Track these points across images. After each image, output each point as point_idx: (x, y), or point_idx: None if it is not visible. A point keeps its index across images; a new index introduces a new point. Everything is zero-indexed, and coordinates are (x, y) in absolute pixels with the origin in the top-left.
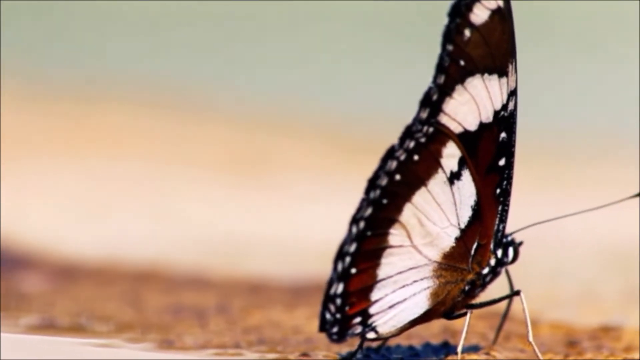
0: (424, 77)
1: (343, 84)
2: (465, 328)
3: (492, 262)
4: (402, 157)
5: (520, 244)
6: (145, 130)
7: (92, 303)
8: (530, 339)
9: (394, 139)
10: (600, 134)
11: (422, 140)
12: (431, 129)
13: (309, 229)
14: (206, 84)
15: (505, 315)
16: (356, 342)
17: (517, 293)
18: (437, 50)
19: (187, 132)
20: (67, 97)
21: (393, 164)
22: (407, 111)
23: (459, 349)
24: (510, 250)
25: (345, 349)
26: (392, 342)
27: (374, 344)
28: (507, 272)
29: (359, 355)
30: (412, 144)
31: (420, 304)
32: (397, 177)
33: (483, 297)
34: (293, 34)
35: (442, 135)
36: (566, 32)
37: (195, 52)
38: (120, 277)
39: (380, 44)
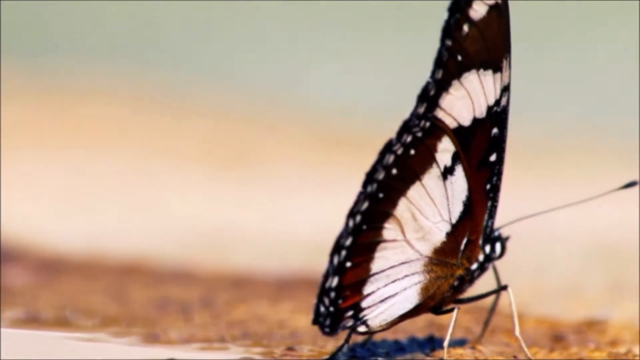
0: (408, 70)
1: (326, 76)
2: (452, 323)
3: (481, 257)
4: (400, 151)
5: (507, 238)
6: (130, 124)
7: (76, 297)
8: (517, 333)
9: (377, 132)
10: (588, 129)
11: (419, 134)
12: (428, 124)
13: (293, 222)
14: (190, 77)
15: (492, 310)
16: (342, 336)
17: (505, 288)
18: (418, 42)
19: (171, 125)
20: (51, 90)
21: (390, 158)
22: (391, 104)
23: (446, 344)
24: (498, 245)
25: (330, 343)
26: (378, 337)
27: (360, 339)
28: (494, 267)
29: (344, 350)
30: (409, 138)
31: (410, 298)
32: (394, 171)
33: (470, 291)
34: (275, 26)
35: (438, 129)
36: (559, 24)
37: (178, 44)
38: (104, 271)
39: (363, 37)
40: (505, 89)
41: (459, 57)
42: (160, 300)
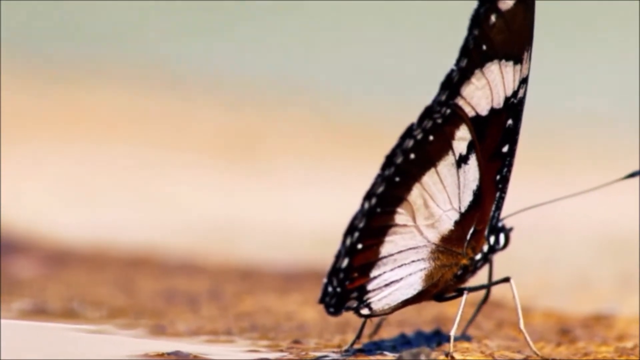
0: (416, 61)
1: (337, 68)
2: (459, 311)
3: (485, 248)
4: (419, 137)
5: (511, 229)
6: (139, 115)
7: (84, 288)
8: (522, 326)
9: (388, 126)
10: (596, 118)
11: (439, 121)
12: (448, 111)
13: (301, 214)
14: (198, 68)
15: (485, 300)
16: (348, 326)
17: (507, 280)
18: (432, 33)
19: (180, 117)
20: (60, 80)
21: (410, 143)
22: (401, 96)
23: (452, 333)
24: (502, 236)
25: (337, 336)
26: (384, 330)
27: (367, 332)
28: (490, 261)
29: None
30: (429, 124)
31: (414, 284)
32: (412, 156)
33: (472, 282)
34: (287, 16)
35: (457, 117)
36: (566, 18)
37: (186, 34)
38: (112, 262)
39: (376, 28)
40: (524, 81)
41: (484, 47)
42: (167, 292)
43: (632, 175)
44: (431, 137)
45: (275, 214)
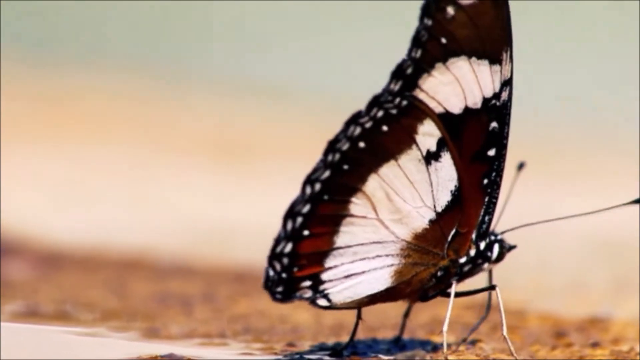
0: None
1: (330, 68)
2: (448, 313)
3: (472, 252)
4: (368, 125)
5: (512, 247)
6: (131, 118)
7: (76, 291)
8: (505, 333)
9: None
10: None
11: (394, 111)
12: (405, 102)
13: None
14: (191, 72)
15: (487, 311)
16: (340, 329)
17: (493, 288)
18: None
19: (173, 120)
20: (53, 84)
21: (357, 130)
22: None
23: (444, 329)
24: (496, 248)
25: (331, 338)
26: (379, 332)
27: (363, 335)
28: (490, 272)
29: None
30: (380, 113)
31: (381, 279)
32: (361, 144)
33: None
34: (277, 22)
35: (418, 111)
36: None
37: (179, 36)
38: (105, 264)
39: (365, 31)
40: (507, 83)
41: (444, 40)
42: (161, 295)
43: (637, 201)
44: (385, 128)
45: (268, 216)
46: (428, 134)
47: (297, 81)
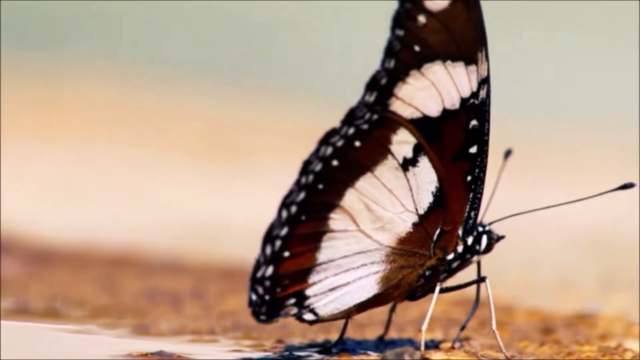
0: None
1: (320, 66)
2: (432, 305)
3: (460, 248)
4: (340, 144)
5: (501, 237)
6: (122, 114)
7: (66, 288)
8: (494, 327)
9: None
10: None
11: (365, 127)
12: (375, 116)
13: None
14: (181, 67)
15: (476, 304)
16: (329, 327)
17: (483, 280)
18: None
19: (162, 117)
20: (41, 82)
21: (328, 150)
22: None
23: (424, 328)
24: (484, 240)
25: (320, 336)
26: (368, 330)
27: (351, 332)
28: (478, 263)
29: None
30: (351, 131)
31: (367, 287)
32: (335, 163)
33: (452, 282)
34: (265, 18)
35: (391, 121)
36: (560, 21)
37: (171, 33)
38: (94, 261)
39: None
40: (484, 82)
41: (417, 48)
42: (150, 292)
43: (624, 186)
44: (357, 143)
45: (258, 213)
46: (403, 142)
47: (288, 80)
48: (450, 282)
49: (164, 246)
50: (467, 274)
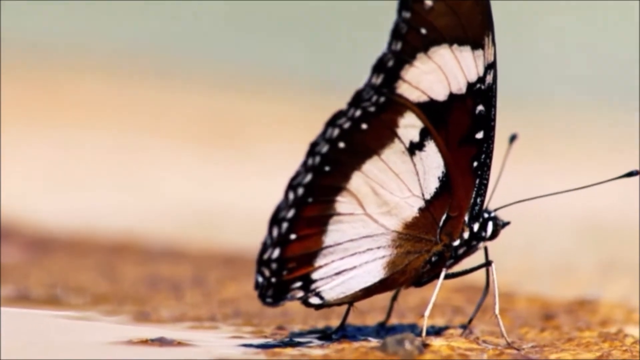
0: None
1: (321, 53)
2: (436, 291)
3: (466, 235)
4: (346, 125)
5: (506, 224)
6: (121, 102)
7: (67, 275)
8: (497, 311)
9: None
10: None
11: (372, 109)
12: (382, 98)
13: None
14: (181, 55)
15: (485, 292)
16: (326, 313)
17: (489, 264)
18: None
19: (163, 104)
20: (41, 68)
21: (335, 132)
22: None
23: (426, 313)
24: (490, 226)
25: (321, 322)
26: (369, 316)
27: (352, 318)
28: (485, 248)
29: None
30: (358, 113)
31: (373, 272)
32: (341, 145)
33: (457, 268)
34: (267, 4)
35: (398, 105)
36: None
37: (170, 22)
38: (95, 248)
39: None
40: (491, 67)
41: (423, 31)
42: (151, 278)
43: (629, 174)
44: (364, 126)
45: (257, 200)
46: (410, 126)
47: (287, 67)
48: (455, 268)
49: (165, 233)
50: (471, 260)
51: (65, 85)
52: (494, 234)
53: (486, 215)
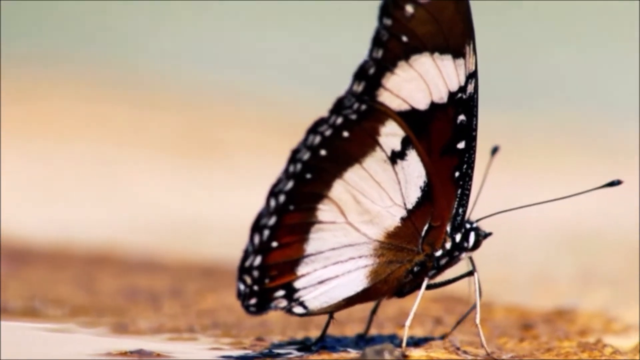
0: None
1: (297, 63)
2: (417, 301)
3: (448, 245)
4: (328, 133)
5: (488, 234)
6: (98, 114)
7: (45, 287)
8: (477, 321)
9: None
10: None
11: (353, 117)
12: (364, 106)
13: None
14: (157, 67)
15: (479, 297)
16: (308, 323)
17: (472, 273)
18: None
19: (139, 116)
20: (18, 80)
21: (316, 139)
22: None
23: (407, 323)
24: (472, 236)
25: (300, 333)
26: (348, 327)
27: (332, 330)
28: (470, 258)
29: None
30: (339, 120)
31: (356, 281)
32: (323, 152)
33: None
34: (242, 19)
35: (379, 112)
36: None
37: (146, 33)
38: (73, 260)
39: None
40: (472, 76)
41: (404, 38)
42: (129, 290)
43: (611, 184)
44: (346, 134)
45: (235, 211)
46: (391, 134)
47: (263, 76)
48: (438, 278)
49: (143, 244)
50: (453, 270)
51: (41, 100)
52: (476, 245)
53: (468, 225)
